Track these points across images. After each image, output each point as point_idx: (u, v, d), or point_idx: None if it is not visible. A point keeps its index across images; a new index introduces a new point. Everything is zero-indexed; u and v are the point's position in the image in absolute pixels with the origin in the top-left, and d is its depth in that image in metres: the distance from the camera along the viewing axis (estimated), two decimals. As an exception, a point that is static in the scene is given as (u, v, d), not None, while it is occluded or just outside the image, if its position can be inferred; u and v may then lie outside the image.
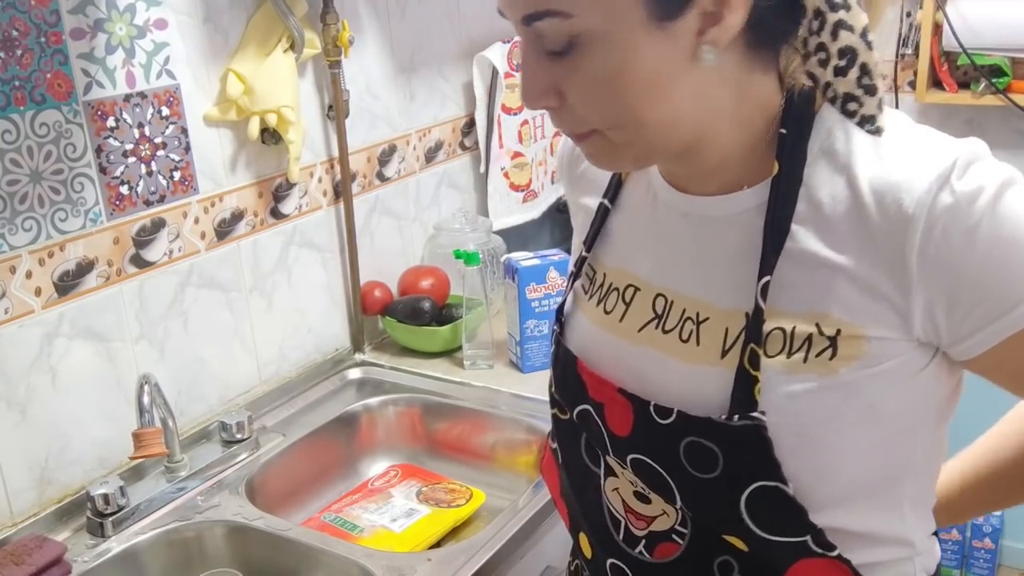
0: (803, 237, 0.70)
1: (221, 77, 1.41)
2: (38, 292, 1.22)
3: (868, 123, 0.70)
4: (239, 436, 1.40)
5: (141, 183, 1.32)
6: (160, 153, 1.34)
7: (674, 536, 0.79)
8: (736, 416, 0.70)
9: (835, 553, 0.74)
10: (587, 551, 0.90)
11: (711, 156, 0.74)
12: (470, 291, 1.63)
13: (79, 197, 1.25)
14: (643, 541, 0.81)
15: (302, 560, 1.21)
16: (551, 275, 1.59)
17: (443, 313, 1.72)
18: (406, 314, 1.69)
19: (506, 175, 1.96)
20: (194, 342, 1.43)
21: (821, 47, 0.70)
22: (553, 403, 0.89)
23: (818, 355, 0.69)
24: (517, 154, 1.97)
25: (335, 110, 1.59)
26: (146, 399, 1.22)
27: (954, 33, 2.17)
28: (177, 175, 1.37)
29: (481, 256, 1.65)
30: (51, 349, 1.24)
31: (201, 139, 1.40)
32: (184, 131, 1.38)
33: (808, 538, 0.73)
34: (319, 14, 1.51)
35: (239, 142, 1.46)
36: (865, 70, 0.70)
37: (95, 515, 1.22)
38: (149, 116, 1.32)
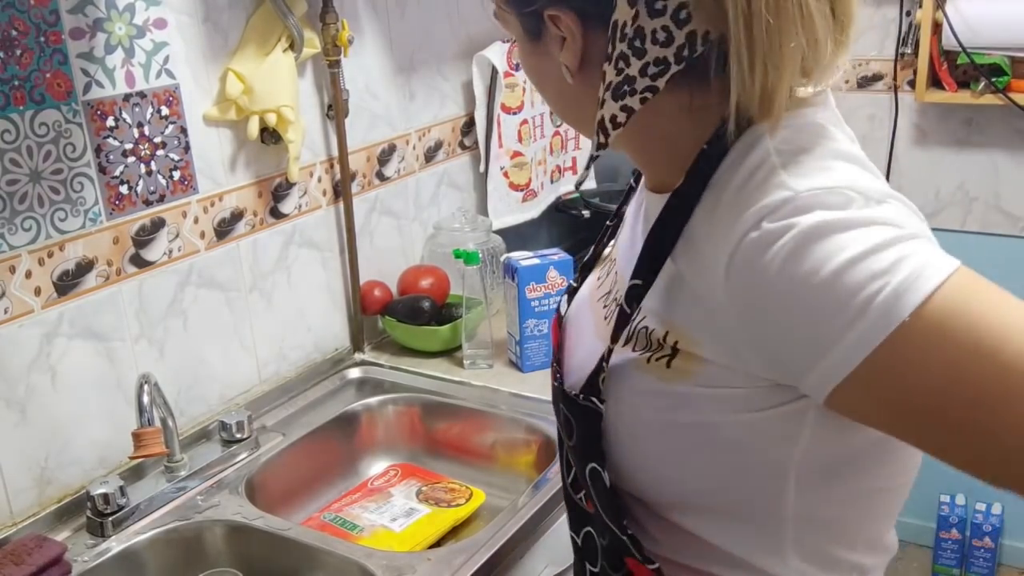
0: (680, 250, 0.71)
1: (220, 77, 1.41)
2: (38, 292, 1.22)
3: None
4: (239, 436, 1.40)
5: (141, 183, 1.32)
6: (159, 153, 1.34)
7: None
8: (581, 395, 0.77)
9: (654, 567, 0.77)
10: None
11: (636, 157, 0.79)
12: (470, 290, 1.63)
13: (79, 197, 1.25)
14: (584, 490, 0.85)
15: (302, 560, 1.21)
16: (551, 274, 1.59)
17: (443, 312, 1.72)
18: (406, 314, 1.69)
19: (505, 175, 1.96)
20: (194, 342, 1.43)
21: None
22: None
23: (659, 359, 0.72)
24: (516, 153, 1.97)
25: (335, 110, 1.59)
26: (146, 399, 1.22)
27: (953, 32, 2.17)
28: (177, 175, 1.37)
29: (481, 255, 1.65)
30: (51, 349, 1.24)
31: (200, 139, 1.40)
32: (183, 131, 1.38)
33: (627, 540, 0.77)
34: (318, 13, 1.51)
35: (239, 142, 1.46)
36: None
37: (95, 515, 1.22)
38: (148, 116, 1.32)
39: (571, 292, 0.95)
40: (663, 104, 0.70)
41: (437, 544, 1.34)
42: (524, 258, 1.61)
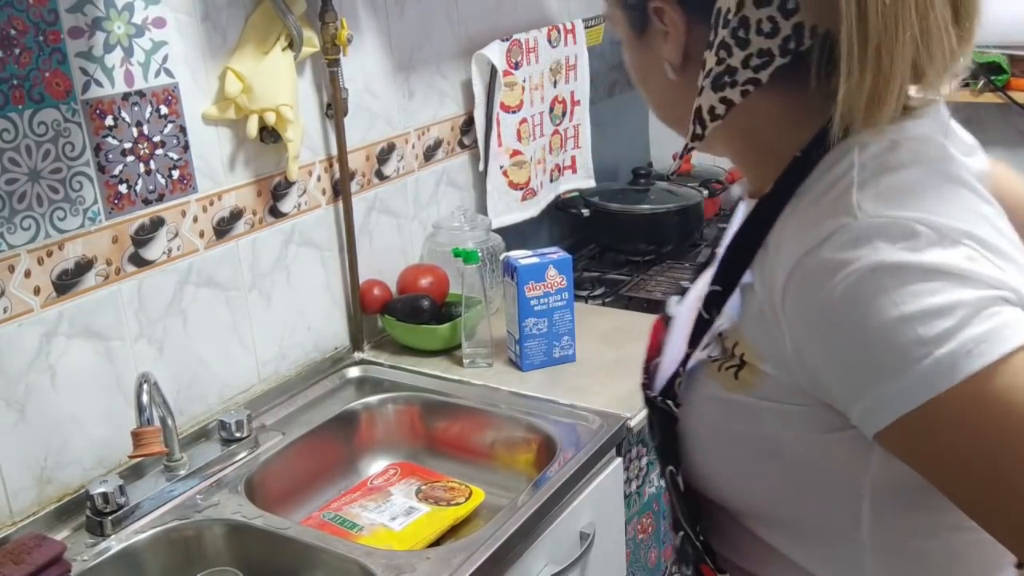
0: (758, 259, 0.70)
1: (220, 76, 1.41)
2: (37, 291, 1.21)
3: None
4: (238, 435, 1.40)
5: (140, 182, 1.32)
6: (159, 152, 1.34)
7: None
8: (659, 397, 0.77)
9: None
10: None
11: (735, 160, 0.78)
12: (469, 289, 1.62)
13: (78, 196, 1.25)
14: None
15: (302, 558, 1.21)
16: (550, 273, 1.59)
17: (442, 311, 1.72)
18: (405, 312, 1.69)
19: (505, 173, 1.96)
20: (193, 341, 1.43)
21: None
22: None
23: (728, 368, 0.71)
24: (516, 152, 1.97)
25: (334, 108, 1.59)
26: (145, 398, 1.21)
27: (953, 31, 2.17)
28: (176, 174, 1.37)
29: (480, 254, 1.65)
30: (50, 348, 1.24)
31: (200, 138, 1.40)
32: (183, 130, 1.37)
33: (699, 546, 0.77)
34: (318, 12, 1.51)
35: (238, 141, 1.46)
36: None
37: (94, 514, 1.22)
38: (148, 115, 1.32)
39: (683, 293, 0.92)
40: (763, 107, 0.69)
41: (437, 543, 1.34)
42: (523, 257, 1.61)
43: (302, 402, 1.57)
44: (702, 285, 0.88)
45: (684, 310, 0.87)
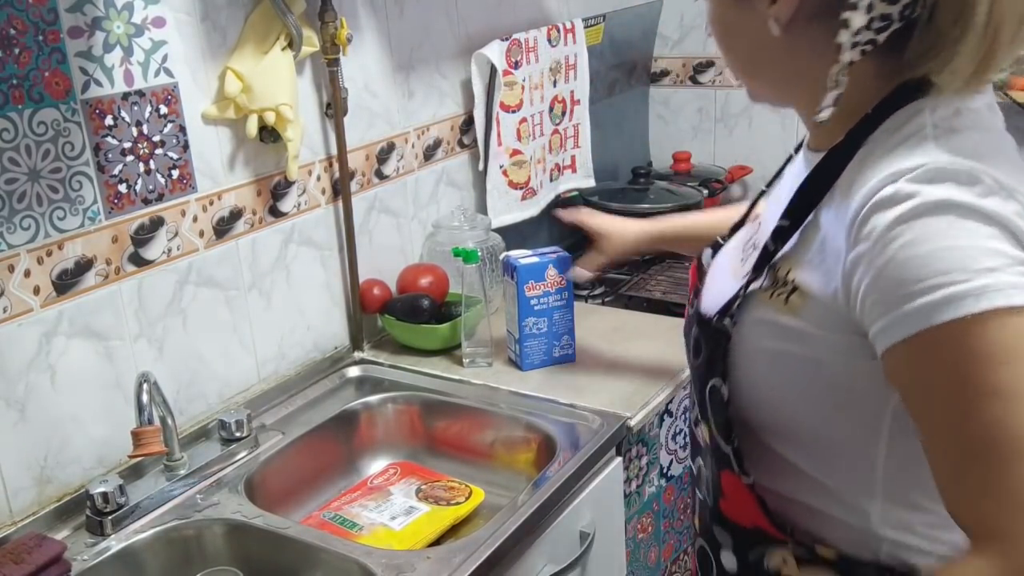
0: (825, 201, 0.78)
1: (219, 75, 1.41)
2: (37, 291, 1.21)
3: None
4: (238, 434, 1.40)
5: (139, 181, 1.32)
6: (158, 151, 1.34)
7: None
8: (717, 318, 0.85)
9: (749, 480, 0.86)
10: None
11: (806, 114, 0.83)
12: (469, 289, 1.62)
13: (77, 196, 1.25)
14: (702, 423, 0.93)
15: (301, 558, 1.21)
16: (550, 272, 1.59)
17: (442, 311, 1.72)
18: (405, 312, 1.69)
19: (505, 173, 1.96)
20: (193, 340, 1.43)
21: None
22: None
23: (779, 294, 0.80)
24: (516, 152, 1.97)
25: (333, 108, 1.59)
26: (145, 397, 1.22)
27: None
28: (175, 173, 1.37)
29: (480, 254, 1.65)
30: (50, 348, 1.24)
31: (199, 137, 1.40)
32: (182, 129, 1.37)
33: (730, 451, 0.86)
34: (317, 12, 1.51)
35: (237, 140, 1.46)
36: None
37: (94, 514, 1.22)
38: (147, 114, 1.32)
39: (715, 246, 1.02)
40: (861, 67, 0.75)
41: (437, 542, 1.34)
42: (523, 256, 1.61)
43: (302, 402, 1.57)
44: (741, 236, 0.98)
45: (725, 258, 0.98)
